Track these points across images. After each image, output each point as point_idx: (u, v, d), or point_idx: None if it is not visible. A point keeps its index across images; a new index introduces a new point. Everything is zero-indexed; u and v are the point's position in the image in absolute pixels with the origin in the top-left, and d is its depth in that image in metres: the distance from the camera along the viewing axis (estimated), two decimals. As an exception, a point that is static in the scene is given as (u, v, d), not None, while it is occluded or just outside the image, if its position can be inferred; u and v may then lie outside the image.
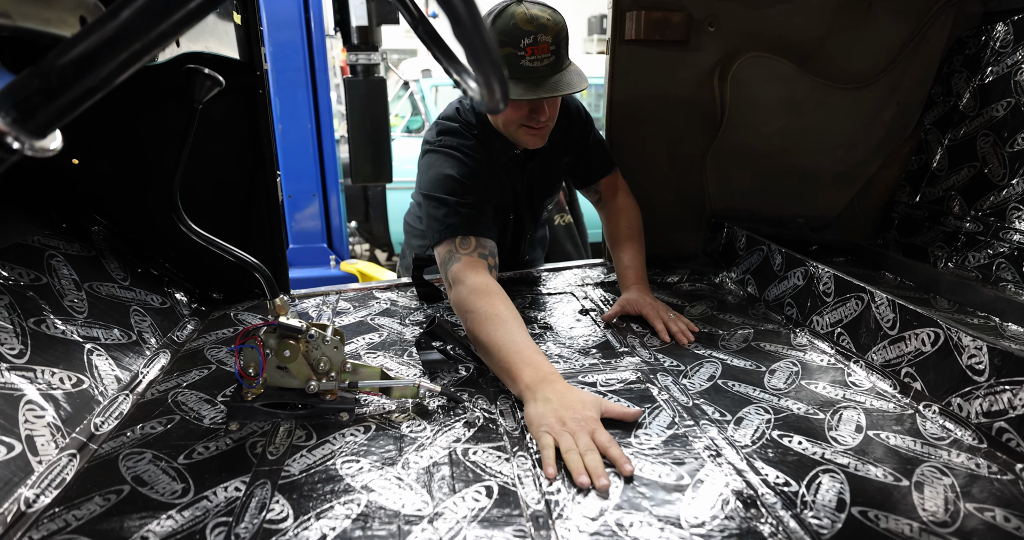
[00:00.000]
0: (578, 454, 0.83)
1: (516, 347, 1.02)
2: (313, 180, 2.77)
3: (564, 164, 1.54)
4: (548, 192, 1.60)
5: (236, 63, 1.31)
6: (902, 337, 1.11)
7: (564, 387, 0.95)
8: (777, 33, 1.63)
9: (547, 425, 0.88)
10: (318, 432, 0.94)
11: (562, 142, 1.49)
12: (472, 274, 1.16)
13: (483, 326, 1.07)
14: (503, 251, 1.49)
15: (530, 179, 1.50)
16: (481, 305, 1.09)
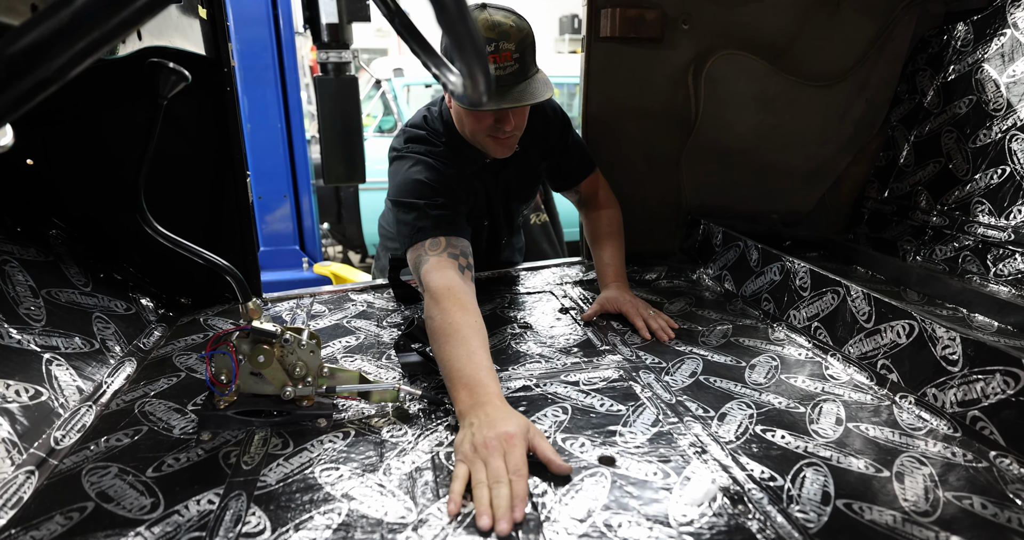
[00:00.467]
0: (486, 488, 0.75)
1: (458, 364, 0.95)
2: (284, 181, 2.70)
3: (542, 169, 1.53)
4: (525, 198, 1.58)
5: (202, 59, 1.26)
6: (878, 330, 1.12)
7: (493, 409, 0.86)
8: (749, 31, 1.64)
9: (462, 453, 0.82)
10: (295, 439, 0.91)
11: (538, 147, 1.47)
12: (436, 276, 1.10)
13: (435, 337, 1.02)
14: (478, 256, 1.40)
15: (505, 186, 1.48)
16: (435, 313, 1.04)
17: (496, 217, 1.54)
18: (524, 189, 1.55)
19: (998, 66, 1.57)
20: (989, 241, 1.52)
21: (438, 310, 1.04)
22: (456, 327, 1.00)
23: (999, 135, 1.54)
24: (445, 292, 1.06)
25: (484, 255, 1.61)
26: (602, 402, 1.01)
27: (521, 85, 1.17)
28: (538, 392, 1.04)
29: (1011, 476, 0.84)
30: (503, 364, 1.16)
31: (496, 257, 1.71)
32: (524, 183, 1.52)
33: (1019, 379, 0.88)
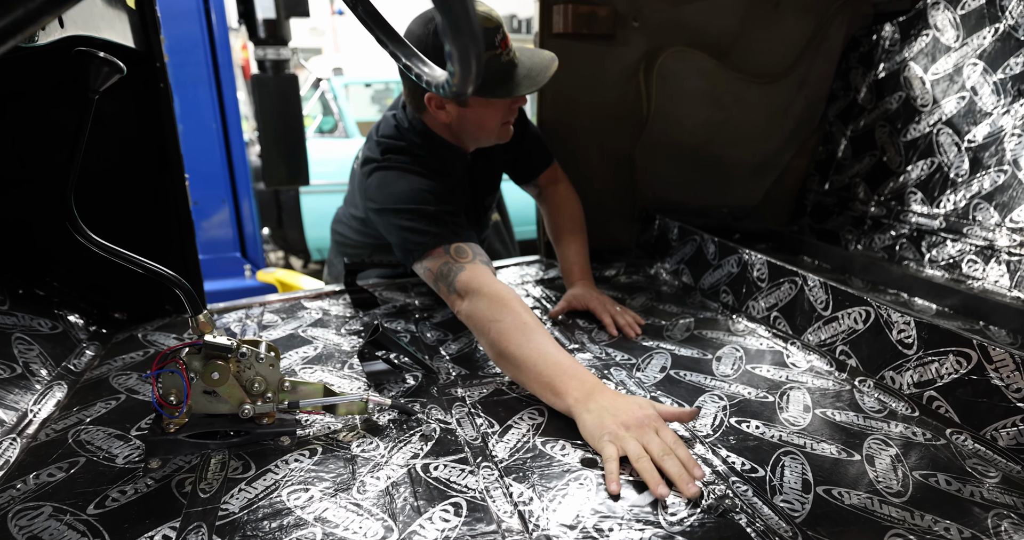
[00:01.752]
0: (650, 461, 0.77)
1: (554, 359, 0.95)
2: (221, 185, 2.55)
3: (503, 161, 1.52)
4: (490, 190, 1.57)
5: (131, 53, 1.16)
6: (835, 317, 1.16)
7: (614, 394, 0.89)
8: (696, 28, 1.67)
9: (610, 433, 0.82)
10: (256, 461, 0.84)
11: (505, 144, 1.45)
12: (488, 282, 1.08)
13: (511, 338, 0.98)
14: None
15: (475, 181, 1.45)
16: (506, 315, 1.01)
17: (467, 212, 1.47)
18: (490, 182, 1.54)
19: (923, 64, 1.66)
20: (923, 229, 1.61)
21: (507, 311, 1.01)
22: (533, 326, 0.99)
23: (927, 129, 1.63)
24: (505, 296, 1.04)
25: None
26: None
27: (527, 65, 1.21)
28: (513, 395, 1.02)
29: (967, 451, 0.89)
30: (472, 368, 1.12)
31: None
32: (490, 175, 1.52)
33: (971, 359, 0.93)
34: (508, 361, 0.99)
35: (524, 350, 0.96)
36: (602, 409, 0.85)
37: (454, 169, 1.33)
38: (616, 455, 0.79)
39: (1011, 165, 1.42)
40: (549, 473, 0.80)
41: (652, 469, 0.76)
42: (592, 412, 0.86)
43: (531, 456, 0.84)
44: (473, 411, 0.97)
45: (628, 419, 0.83)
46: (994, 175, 1.45)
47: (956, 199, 1.54)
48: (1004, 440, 0.88)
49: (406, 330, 1.31)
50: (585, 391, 0.89)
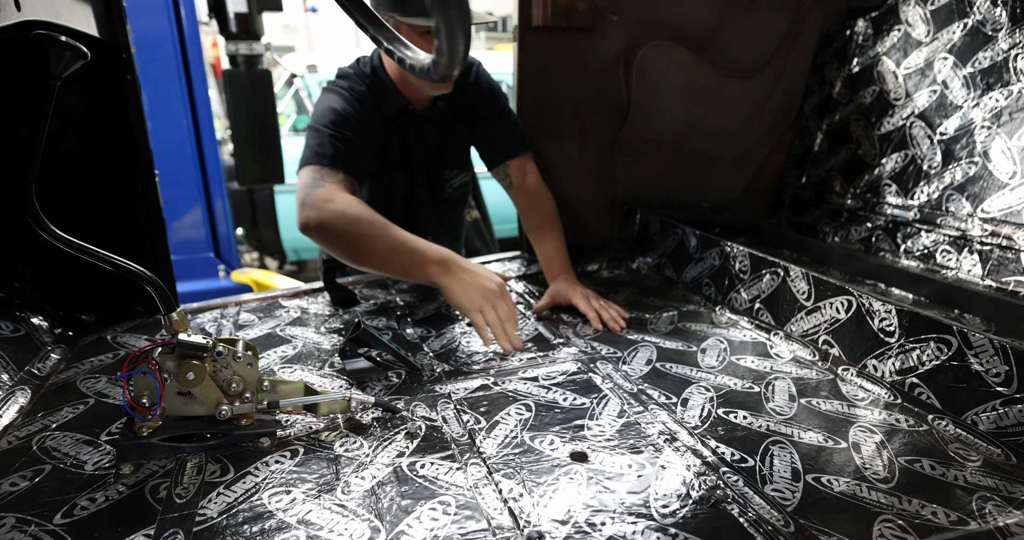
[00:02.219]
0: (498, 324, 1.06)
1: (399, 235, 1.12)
2: (193, 184, 2.48)
3: (471, 138, 1.59)
4: (447, 163, 1.61)
5: (96, 43, 1.11)
6: (818, 307, 1.17)
7: (467, 264, 1.11)
8: (675, 23, 1.68)
9: (477, 306, 1.06)
10: (235, 464, 0.81)
11: (466, 113, 1.55)
12: (339, 194, 1.20)
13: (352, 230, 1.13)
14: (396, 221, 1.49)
15: (427, 143, 1.54)
16: (363, 210, 1.15)
17: (415, 175, 1.57)
18: (447, 152, 1.59)
19: (895, 59, 1.69)
20: (898, 220, 1.64)
21: (347, 205, 1.16)
22: (373, 215, 1.15)
23: (901, 122, 1.66)
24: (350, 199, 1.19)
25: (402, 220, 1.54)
26: (565, 396, 0.98)
27: None
28: (498, 390, 1.00)
29: (949, 436, 0.90)
30: (457, 365, 1.10)
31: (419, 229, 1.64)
32: (448, 146, 1.58)
33: (951, 345, 0.94)
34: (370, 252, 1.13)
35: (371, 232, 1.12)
36: (464, 283, 1.07)
37: (390, 104, 1.44)
38: (483, 322, 1.05)
39: (981, 157, 1.45)
40: (538, 468, 0.79)
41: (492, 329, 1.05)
42: (456, 284, 1.08)
43: (519, 451, 0.83)
44: (459, 407, 0.95)
45: (487, 292, 1.06)
46: (965, 167, 1.48)
47: (930, 191, 1.56)
48: (984, 424, 0.89)
49: (388, 327, 1.28)
50: (437, 259, 1.09)
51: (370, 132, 1.39)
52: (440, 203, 1.69)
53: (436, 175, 1.61)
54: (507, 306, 1.08)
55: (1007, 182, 1.39)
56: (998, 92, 1.43)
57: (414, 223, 1.66)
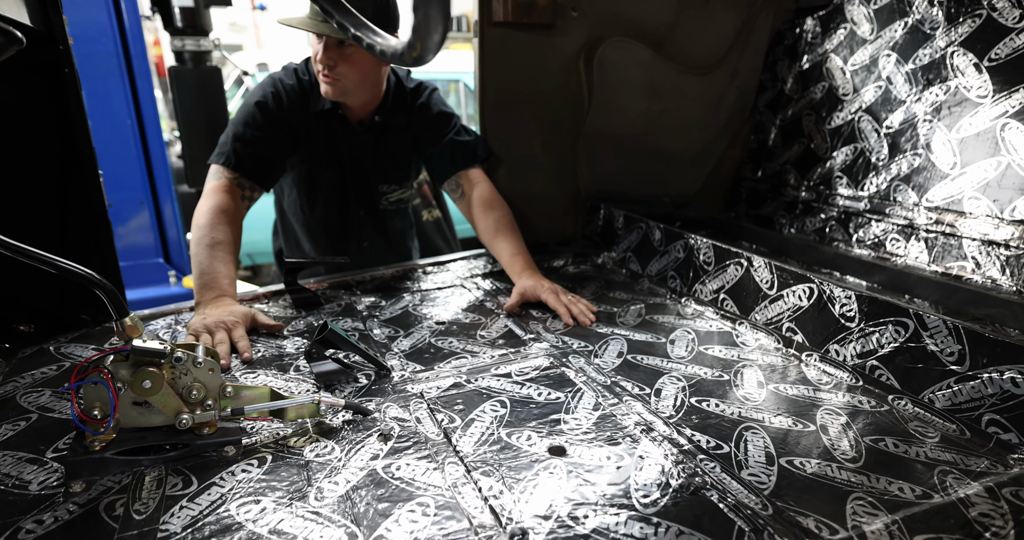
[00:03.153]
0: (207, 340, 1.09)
1: (209, 268, 1.24)
2: (139, 186, 2.36)
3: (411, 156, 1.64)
4: (381, 176, 1.65)
5: (30, 32, 1.04)
6: (781, 295, 1.20)
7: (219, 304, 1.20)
8: (634, 19, 1.70)
9: (193, 329, 1.13)
10: (198, 475, 0.77)
11: (410, 133, 1.60)
12: (221, 195, 1.34)
13: (195, 245, 1.28)
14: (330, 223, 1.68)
15: (358, 151, 1.58)
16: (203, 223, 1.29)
17: (343, 178, 1.61)
18: (383, 166, 1.63)
19: (843, 56, 1.75)
20: (850, 211, 1.70)
21: (209, 224, 1.29)
22: (217, 239, 1.28)
23: (849, 117, 1.73)
24: (219, 211, 1.31)
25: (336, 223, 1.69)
26: (539, 391, 0.97)
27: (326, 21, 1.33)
28: (471, 388, 0.99)
29: (908, 415, 0.93)
30: (427, 363, 1.08)
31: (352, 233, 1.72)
32: (382, 160, 1.62)
33: (908, 328, 0.98)
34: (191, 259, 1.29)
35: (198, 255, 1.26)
36: (204, 315, 1.16)
37: (315, 104, 1.49)
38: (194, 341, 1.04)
39: (924, 149, 1.52)
40: (517, 464, 0.78)
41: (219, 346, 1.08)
42: (199, 313, 1.19)
43: (497, 448, 0.82)
44: (432, 406, 0.93)
45: (215, 320, 1.13)
46: (910, 158, 1.55)
47: (878, 182, 1.63)
48: (940, 402, 0.93)
49: (354, 329, 1.25)
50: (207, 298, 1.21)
51: (286, 126, 1.45)
52: (375, 213, 1.71)
53: (371, 186, 1.64)
54: (226, 337, 1.11)
55: (948, 172, 1.46)
56: (937, 87, 1.50)
57: (347, 226, 1.70)
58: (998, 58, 1.36)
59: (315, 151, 1.55)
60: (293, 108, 1.46)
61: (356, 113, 1.54)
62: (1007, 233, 1.32)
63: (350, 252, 1.75)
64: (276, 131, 1.43)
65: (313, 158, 1.57)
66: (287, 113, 1.45)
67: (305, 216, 1.69)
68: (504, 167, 1.73)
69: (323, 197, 1.65)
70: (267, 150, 1.43)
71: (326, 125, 1.53)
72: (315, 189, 1.64)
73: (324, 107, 1.49)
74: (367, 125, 1.55)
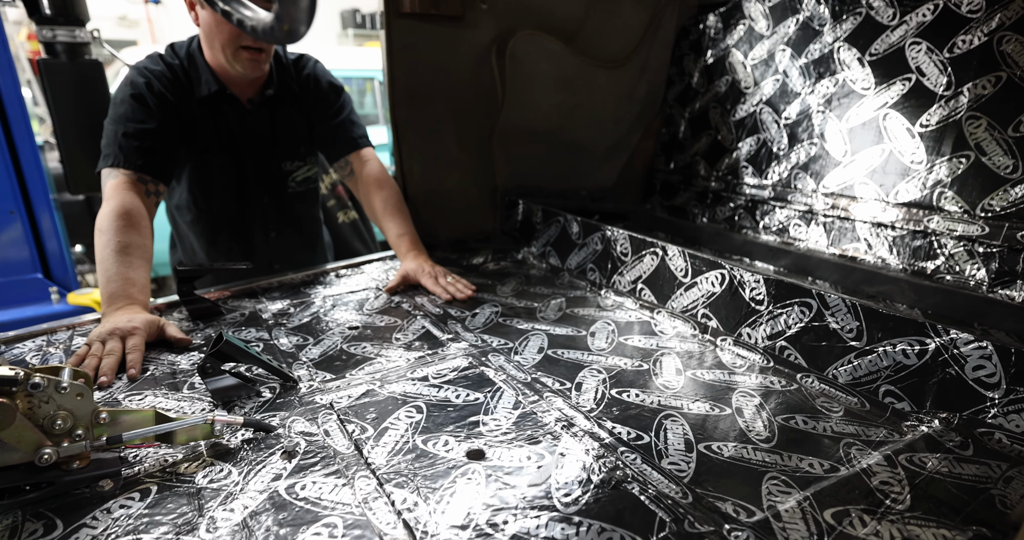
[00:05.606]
0: (96, 359, 0.99)
1: (117, 274, 1.15)
2: (9, 195, 2.11)
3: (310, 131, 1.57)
4: (283, 153, 1.57)
5: None
6: (695, 283, 1.22)
7: (124, 312, 1.11)
8: (544, 13, 1.69)
9: (94, 334, 1.05)
10: (65, 517, 0.67)
11: (303, 106, 1.53)
12: (125, 193, 1.25)
13: (100, 250, 1.17)
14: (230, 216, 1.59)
15: (254, 130, 1.50)
16: (109, 228, 1.19)
17: (242, 162, 1.53)
18: (284, 142, 1.55)
19: (743, 50, 1.83)
20: (756, 199, 1.78)
21: (113, 227, 1.18)
22: (125, 242, 1.18)
23: (752, 109, 1.80)
24: (123, 213, 1.21)
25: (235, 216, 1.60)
26: (457, 393, 0.93)
27: None
28: (385, 394, 0.93)
29: (815, 391, 0.97)
30: (337, 371, 1.02)
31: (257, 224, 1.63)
32: (283, 135, 1.54)
33: (812, 307, 1.02)
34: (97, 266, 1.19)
35: (105, 262, 1.16)
36: (108, 320, 1.09)
37: (201, 86, 1.40)
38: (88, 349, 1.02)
39: (819, 138, 1.60)
40: (433, 473, 0.74)
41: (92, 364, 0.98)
42: (105, 319, 1.10)
43: (412, 457, 0.77)
44: (343, 417, 0.87)
45: (110, 327, 1.05)
46: (807, 147, 1.64)
47: (780, 171, 1.71)
48: (843, 377, 0.97)
49: (258, 339, 1.16)
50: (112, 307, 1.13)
51: (171, 114, 1.36)
52: (281, 197, 1.62)
53: (273, 166, 1.57)
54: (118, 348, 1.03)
55: (840, 160, 1.55)
56: (828, 80, 1.58)
57: (250, 216, 1.60)
58: (877, 53, 1.45)
59: (204, 139, 1.45)
60: (172, 95, 1.37)
61: (246, 91, 1.46)
62: (893, 215, 1.42)
63: (256, 245, 1.65)
64: (160, 120, 1.34)
65: (203, 147, 1.47)
66: (167, 101, 1.36)
67: (200, 213, 1.57)
68: (418, 163, 1.68)
69: (218, 188, 1.54)
70: (155, 142, 1.33)
71: (213, 110, 1.44)
72: (209, 180, 1.53)
73: (211, 90, 1.40)
74: (257, 102, 1.48)
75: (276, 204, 1.62)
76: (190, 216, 1.58)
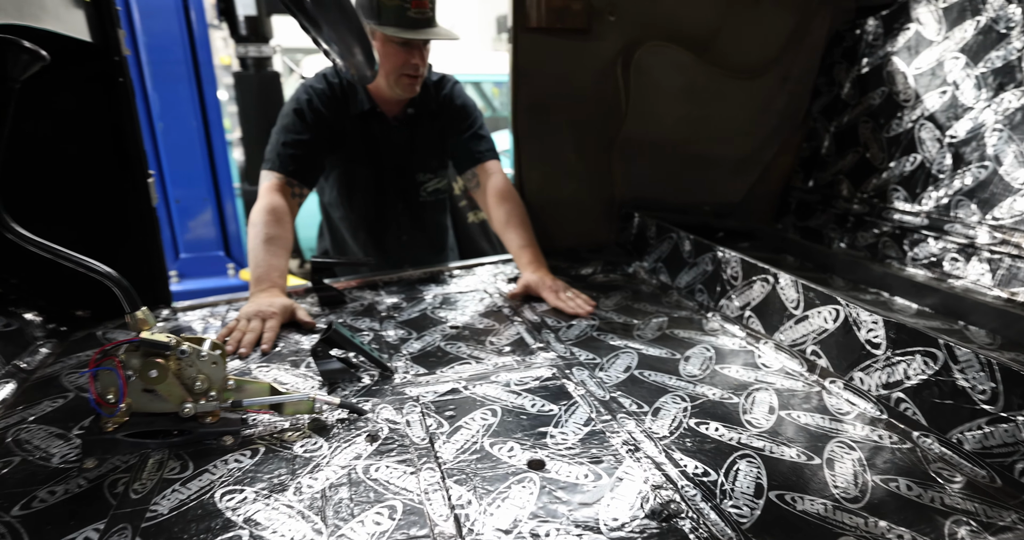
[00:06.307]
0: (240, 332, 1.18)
1: (263, 262, 1.35)
2: (204, 184, 2.53)
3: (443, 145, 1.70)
4: (419, 165, 1.72)
5: (87, 47, 1.14)
6: (806, 316, 1.13)
7: (266, 294, 1.30)
8: (674, 23, 1.65)
9: (244, 313, 1.24)
10: (196, 461, 0.82)
11: (439, 122, 1.66)
12: (274, 194, 1.45)
13: (251, 240, 1.39)
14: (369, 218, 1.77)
15: (396, 143, 1.65)
16: (257, 221, 1.40)
17: (382, 171, 1.69)
18: (420, 154, 1.70)
19: (906, 59, 1.63)
20: (905, 226, 1.58)
21: (263, 221, 1.39)
22: (271, 234, 1.38)
23: (909, 125, 1.60)
24: (273, 208, 1.42)
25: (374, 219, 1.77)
26: (533, 402, 0.97)
27: (435, 28, 1.47)
28: (466, 394, 0.99)
29: (932, 455, 0.85)
30: (431, 367, 1.10)
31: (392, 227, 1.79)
32: (420, 148, 1.69)
33: (937, 359, 0.90)
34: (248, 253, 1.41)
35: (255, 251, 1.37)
36: (253, 302, 1.28)
37: (355, 105, 1.57)
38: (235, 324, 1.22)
39: (992, 161, 1.39)
40: (492, 475, 0.78)
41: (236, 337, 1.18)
42: (251, 299, 1.30)
43: (476, 457, 0.82)
44: (425, 411, 0.94)
45: (255, 309, 1.23)
46: (975, 171, 1.42)
47: (938, 196, 1.50)
48: (969, 443, 0.85)
49: (370, 329, 1.28)
50: (255, 290, 1.33)
51: (324, 128, 1.53)
52: (413, 205, 1.77)
53: (408, 176, 1.72)
54: (259, 327, 1.21)
55: (1018, 188, 1.33)
56: (1011, 93, 1.36)
57: (385, 219, 1.77)
58: (1079, 62, 1.22)
59: (352, 150, 1.63)
60: (328, 111, 1.54)
61: (393, 109, 1.61)
62: (1081, 257, 1.19)
63: (390, 246, 1.82)
64: (314, 134, 1.52)
65: (350, 157, 1.65)
66: (323, 116, 1.53)
67: (345, 212, 1.78)
68: (537, 171, 1.73)
69: (360, 193, 1.73)
70: (308, 152, 1.52)
71: (363, 125, 1.60)
72: (353, 186, 1.72)
73: (363, 108, 1.57)
74: (401, 119, 1.63)
75: (409, 211, 1.78)
76: (338, 213, 1.80)
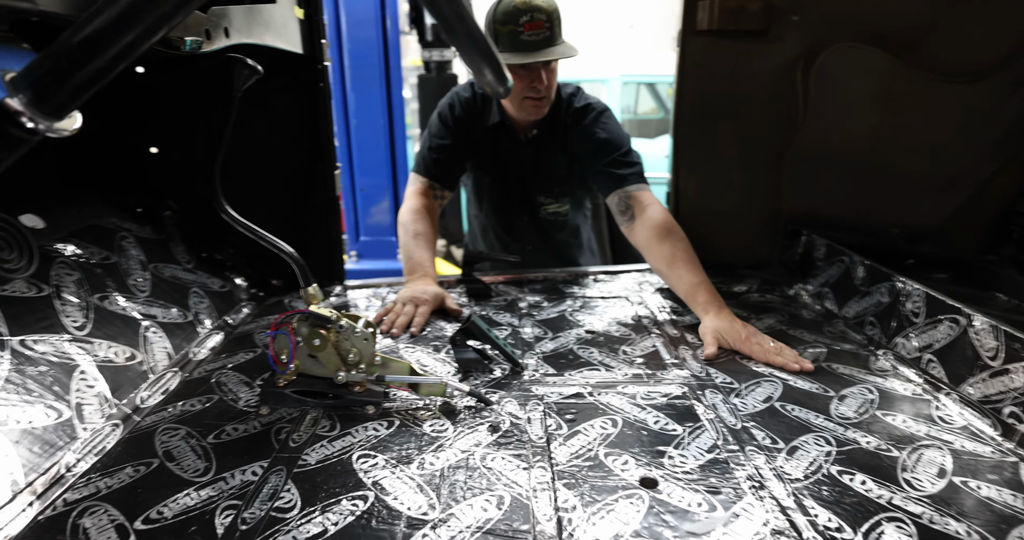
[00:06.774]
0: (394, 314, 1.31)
1: (415, 253, 1.49)
2: (384, 174, 2.83)
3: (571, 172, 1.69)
4: (539, 187, 1.73)
5: (298, 57, 1.34)
6: (1006, 370, 0.94)
7: (419, 281, 1.43)
8: (872, 21, 1.46)
9: (400, 297, 1.36)
10: (342, 423, 0.93)
11: (561, 151, 1.64)
12: (419, 197, 1.58)
13: (402, 236, 1.53)
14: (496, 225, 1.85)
15: (520, 160, 1.68)
16: (408, 221, 1.54)
17: (507, 184, 1.74)
18: (541, 178, 1.71)
19: None
20: None
21: (411, 219, 1.53)
22: (419, 231, 1.52)
23: None
24: (419, 208, 1.55)
25: (495, 224, 1.84)
26: (657, 419, 0.94)
27: (551, 47, 1.42)
28: (590, 401, 0.99)
29: None
30: (560, 368, 1.12)
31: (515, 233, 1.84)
32: (542, 172, 1.69)
33: None
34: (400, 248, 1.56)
35: (406, 243, 1.52)
36: (409, 287, 1.40)
37: (488, 116, 1.61)
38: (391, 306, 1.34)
39: None
40: (602, 486, 0.77)
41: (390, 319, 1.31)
42: (406, 285, 1.43)
43: (590, 465, 0.82)
44: (547, 411, 0.96)
45: (410, 294, 1.36)
46: None
47: None
48: None
49: (509, 324, 1.34)
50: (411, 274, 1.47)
51: (463, 134, 1.61)
52: (537, 221, 1.79)
53: (529, 195, 1.75)
54: (411, 311, 1.32)
55: None
56: None
57: (512, 229, 1.82)
58: None
59: (482, 159, 1.70)
60: (468, 119, 1.61)
61: (522, 126, 1.63)
62: None
63: (515, 253, 1.83)
64: (455, 139, 1.60)
65: (479, 165, 1.73)
66: (462, 123, 1.60)
67: (477, 212, 1.89)
68: (694, 181, 1.65)
69: (488, 201, 1.82)
70: (449, 157, 1.61)
71: (494, 136, 1.65)
72: (481, 193, 1.82)
73: (495, 121, 1.61)
74: (528, 138, 1.64)
75: (532, 225, 1.81)
76: (472, 211, 1.93)
